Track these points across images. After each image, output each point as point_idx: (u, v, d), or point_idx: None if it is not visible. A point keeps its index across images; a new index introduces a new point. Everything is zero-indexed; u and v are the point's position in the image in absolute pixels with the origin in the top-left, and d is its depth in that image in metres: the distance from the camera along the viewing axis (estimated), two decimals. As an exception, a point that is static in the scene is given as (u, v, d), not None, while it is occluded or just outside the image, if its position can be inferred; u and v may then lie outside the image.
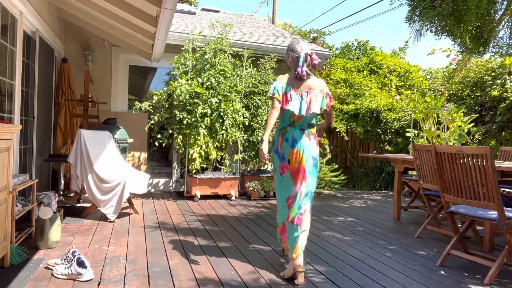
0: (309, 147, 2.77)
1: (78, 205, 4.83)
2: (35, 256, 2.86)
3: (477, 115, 6.67)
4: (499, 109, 6.46)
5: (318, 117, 2.99)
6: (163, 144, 5.51)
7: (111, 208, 4.02)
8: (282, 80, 2.82)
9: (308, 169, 2.74)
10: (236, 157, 5.97)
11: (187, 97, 5.37)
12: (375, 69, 10.59)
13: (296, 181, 2.73)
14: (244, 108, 6.00)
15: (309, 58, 2.81)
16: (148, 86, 7.69)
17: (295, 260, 2.59)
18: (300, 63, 2.77)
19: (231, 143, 6.00)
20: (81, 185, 4.26)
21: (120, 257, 2.92)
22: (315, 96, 2.79)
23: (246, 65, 6.15)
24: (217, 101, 5.49)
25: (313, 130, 2.85)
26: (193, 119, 5.38)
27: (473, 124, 6.49)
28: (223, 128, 5.60)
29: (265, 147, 2.69)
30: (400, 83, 10.38)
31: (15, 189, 2.68)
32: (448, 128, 6.30)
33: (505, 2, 4.48)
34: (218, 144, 5.73)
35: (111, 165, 4.37)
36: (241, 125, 5.99)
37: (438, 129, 6.50)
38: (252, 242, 3.45)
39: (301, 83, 2.80)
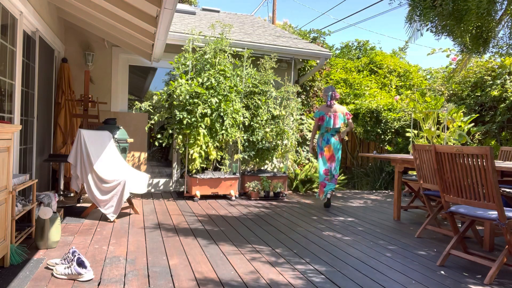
0: (336, 143, 5.28)
1: (78, 205, 4.84)
2: (35, 256, 2.86)
3: (477, 115, 6.67)
4: (499, 109, 6.46)
5: (342, 124, 5.44)
6: (163, 144, 5.51)
7: (111, 208, 4.02)
8: (320, 108, 5.36)
9: (336, 155, 5.28)
10: (236, 157, 5.97)
11: (187, 97, 5.37)
12: (375, 69, 10.60)
13: (330, 161, 5.25)
14: (244, 108, 6.00)
15: (334, 95, 5.30)
16: (148, 86, 7.69)
17: (328, 194, 5.24)
18: (329, 99, 5.29)
19: (231, 143, 6.00)
20: (81, 185, 4.26)
21: (120, 257, 2.92)
22: (337, 116, 5.24)
23: (246, 65, 6.15)
24: (217, 101, 5.49)
25: (338, 133, 5.32)
26: (193, 119, 5.38)
27: (473, 124, 6.50)
28: (223, 128, 5.60)
29: (311, 144, 5.45)
30: (400, 83, 10.38)
31: (15, 189, 2.68)
32: (448, 128, 6.30)
33: (505, 2, 4.48)
34: (218, 144, 5.74)
35: (111, 165, 4.37)
36: (241, 125, 5.99)
37: (438, 129, 6.51)
38: (252, 242, 3.45)
39: (330, 109, 5.27)
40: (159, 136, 5.53)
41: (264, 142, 6.09)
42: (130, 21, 4.28)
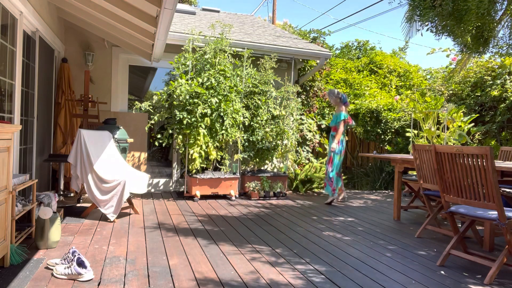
0: None
1: (78, 205, 4.83)
2: (35, 256, 2.86)
3: (477, 115, 6.67)
4: (499, 109, 6.46)
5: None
6: (163, 144, 5.51)
7: (111, 208, 4.02)
8: (343, 110, 5.63)
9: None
10: (236, 157, 5.97)
11: (187, 97, 5.37)
12: (375, 69, 10.60)
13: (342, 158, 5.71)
14: (244, 108, 6.00)
15: (345, 96, 5.72)
16: (148, 86, 7.69)
17: (342, 189, 5.77)
18: (346, 101, 5.67)
19: (231, 143, 6.00)
20: (81, 185, 4.26)
21: (120, 257, 2.92)
22: (350, 117, 5.77)
23: (246, 65, 6.15)
24: (217, 101, 5.49)
25: None
26: (193, 119, 5.38)
27: (473, 124, 6.49)
28: (223, 128, 5.60)
29: (337, 146, 5.69)
30: (400, 83, 10.38)
31: (15, 189, 2.68)
32: (448, 128, 6.30)
33: (505, 2, 4.48)
34: (218, 144, 5.74)
35: (111, 165, 4.37)
36: (241, 125, 5.99)
37: (438, 129, 6.51)
38: (252, 242, 3.45)
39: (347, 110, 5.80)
40: (159, 136, 5.53)
41: (264, 142, 6.09)
42: (130, 21, 4.28)
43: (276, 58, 6.30)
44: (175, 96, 5.44)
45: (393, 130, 7.98)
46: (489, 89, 6.72)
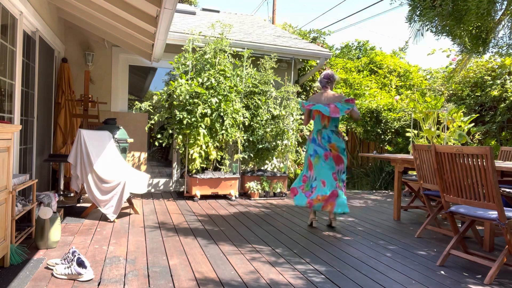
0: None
1: (78, 205, 4.83)
2: (35, 256, 2.86)
3: (477, 115, 6.66)
4: (499, 109, 6.46)
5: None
6: (163, 144, 5.51)
7: (111, 208, 4.02)
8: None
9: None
10: (236, 157, 5.97)
11: (187, 97, 5.37)
12: (375, 69, 10.59)
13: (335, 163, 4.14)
14: (244, 108, 6.00)
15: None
16: (148, 86, 7.69)
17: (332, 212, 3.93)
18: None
19: (231, 143, 6.00)
20: (81, 185, 4.26)
21: (120, 257, 2.92)
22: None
23: (246, 65, 6.15)
24: (217, 101, 5.49)
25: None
26: (193, 119, 5.38)
27: (473, 124, 6.49)
28: (223, 128, 5.60)
29: None
30: (400, 83, 10.38)
31: (15, 189, 2.68)
32: (448, 128, 6.30)
33: (505, 2, 4.48)
34: (218, 144, 5.74)
35: (111, 165, 4.37)
36: (241, 125, 5.99)
37: (438, 129, 6.50)
38: (252, 242, 3.45)
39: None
40: (159, 136, 5.53)
41: (264, 142, 6.09)
42: (130, 21, 4.28)
43: (276, 58, 6.30)
44: (175, 96, 5.44)
45: (393, 130, 7.98)
46: (489, 89, 6.72)
